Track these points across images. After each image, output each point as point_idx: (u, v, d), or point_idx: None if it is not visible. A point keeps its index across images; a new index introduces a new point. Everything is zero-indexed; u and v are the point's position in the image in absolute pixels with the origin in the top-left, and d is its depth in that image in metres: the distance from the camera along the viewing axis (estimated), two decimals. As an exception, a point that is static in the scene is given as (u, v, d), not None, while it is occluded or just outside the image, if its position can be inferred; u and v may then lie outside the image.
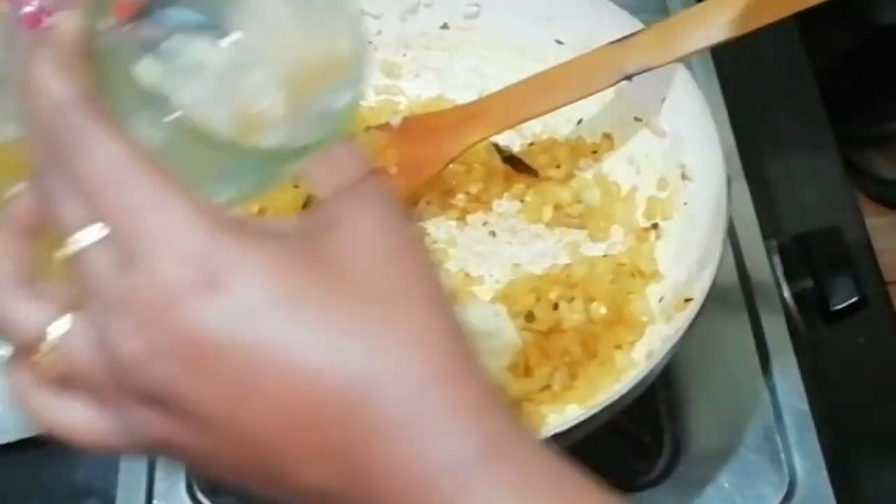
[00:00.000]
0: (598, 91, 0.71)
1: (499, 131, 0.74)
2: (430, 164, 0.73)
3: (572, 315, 0.69)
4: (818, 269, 0.75)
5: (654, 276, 0.71)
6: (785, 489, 0.68)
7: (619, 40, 0.69)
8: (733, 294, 0.75)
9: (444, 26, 0.81)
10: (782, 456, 0.70)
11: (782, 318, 0.75)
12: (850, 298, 0.73)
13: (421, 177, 0.74)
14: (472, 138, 0.73)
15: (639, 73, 0.69)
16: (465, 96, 0.81)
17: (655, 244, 0.72)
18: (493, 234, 0.76)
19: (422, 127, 0.75)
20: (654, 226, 0.73)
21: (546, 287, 0.70)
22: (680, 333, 0.60)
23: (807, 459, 0.69)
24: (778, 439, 0.70)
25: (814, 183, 0.89)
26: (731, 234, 0.77)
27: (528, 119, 0.74)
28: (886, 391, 0.80)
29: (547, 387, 0.67)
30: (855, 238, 0.84)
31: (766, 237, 0.78)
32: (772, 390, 0.72)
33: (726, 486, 0.69)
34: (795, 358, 0.73)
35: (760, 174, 0.83)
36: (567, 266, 0.72)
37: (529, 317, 0.69)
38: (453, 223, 0.76)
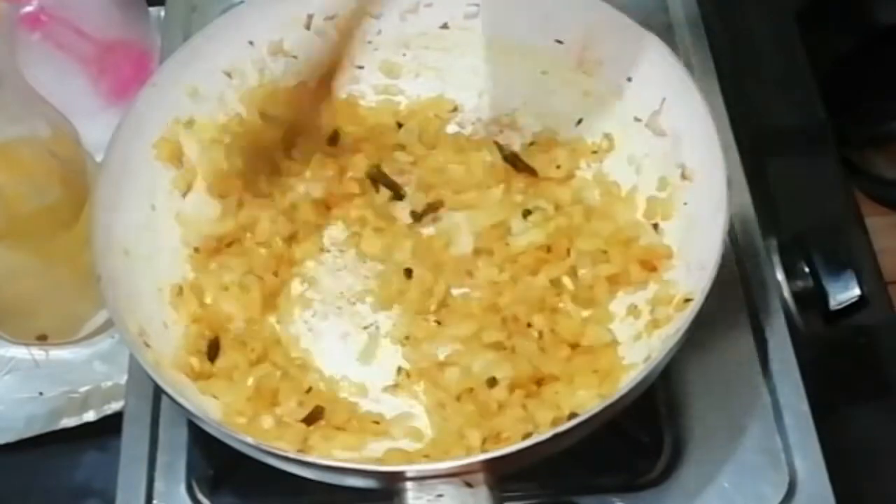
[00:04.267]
0: None
1: None
2: None
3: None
4: (818, 268, 0.75)
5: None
6: (785, 489, 0.68)
7: None
8: (733, 294, 0.75)
9: (444, 26, 0.80)
10: (782, 456, 0.70)
11: (782, 317, 0.75)
12: (850, 298, 0.73)
13: None
14: None
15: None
16: (464, 96, 0.81)
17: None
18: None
19: None
20: (655, 226, 0.73)
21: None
22: (680, 334, 0.60)
23: (807, 459, 0.69)
24: (778, 439, 0.70)
25: (814, 183, 0.89)
26: (731, 234, 0.77)
27: None
28: (886, 391, 0.80)
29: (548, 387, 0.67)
30: (855, 238, 0.84)
31: (766, 237, 0.78)
32: (772, 390, 0.72)
33: (726, 485, 0.69)
34: (795, 358, 0.73)
35: (760, 174, 0.83)
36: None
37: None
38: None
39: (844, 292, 0.74)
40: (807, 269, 0.75)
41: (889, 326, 0.81)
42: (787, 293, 0.76)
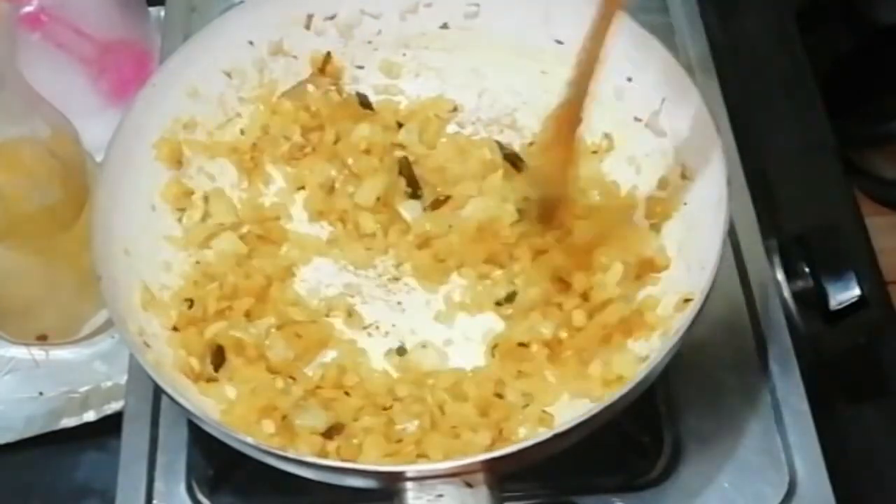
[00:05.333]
0: None
1: None
2: None
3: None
4: (818, 268, 0.75)
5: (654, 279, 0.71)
6: (785, 489, 0.68)
7: None
8: (733, 294, 0.75)
9: (444, 26, 0.80)
10: (782, 456, 0.70)
11: (782, 317, 0.75)
12: (850, 298, 0.73)
13: None
14: None
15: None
16: (464, 96, 0.81)
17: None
18: None
19: None
20: (653, 225, 0.73)
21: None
22: (680, 334, 0.60)
23: (807, 459, 0.69)
24: (778, 439, 0.70)
25: (814, 183, 0.89)
26: (732, 234, 0.77)
27: None
28: (887, 391, 0.80)
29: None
30: (855, 238, 0.84)
31: (766, 237, 0.78)
32: (772, 390, 0.72)
33: (726, 485, 0.69)
34: (795, 358, 0.73)
35: (760, 174, 0.83)
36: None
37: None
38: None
39: (844, 292, 0.74)
40: (807, 269, 0.75)
41: (889, 326, 0.81)
42: (787, 293, 0.76)
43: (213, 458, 0.71)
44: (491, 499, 0.57)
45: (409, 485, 0.58)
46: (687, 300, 0.65)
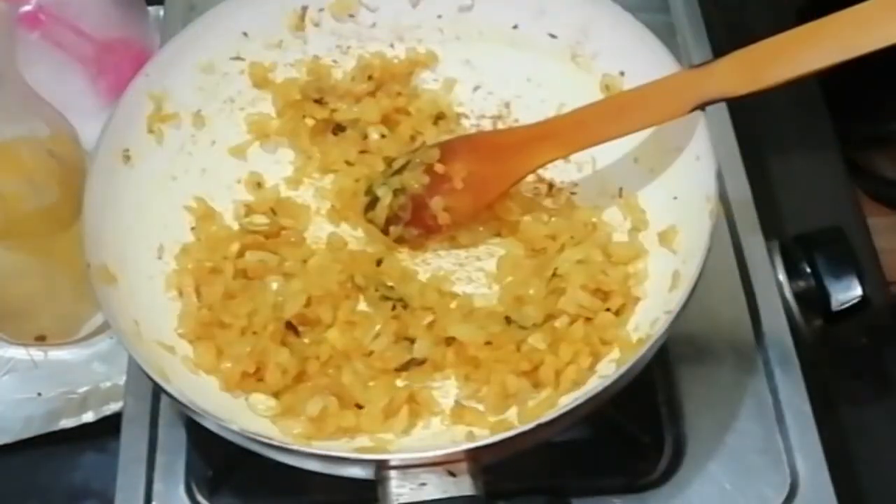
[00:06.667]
0: (672, 118, 0.67)
1: (568, 153, 0.72)
2: (497, 182, 0.72)
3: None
4: (820, 269, 0.75)
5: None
6: (787, 490, 0.68)
7: (699, 65, 0.67)
8: (735, 295, 0.75)
9: (438, 18, 0.80)
10: (784, 457, 0.69)
11: (784, 318, 0.74)
12: (852, 299, 0.73)
13: (487, 194, 0.72)
14: (541, 159, 0.71)
15: (717, 102, 0.66)
16: (458, 89, 0.81)
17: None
18: None
19: (489, 143, 0.73)
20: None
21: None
22: (666, 325, 0.60)
23: (809, 460, 0.69)
24: (779, 440, 0.70)
25: (815, 183, 0.89)
26: (733, 235, 0.77)
27: (599, 142, 0.70)
28: (889, 391, 0.80)
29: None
30: (857, 238, 0.84)
31: (767, 237, 0.78)
32: (773, 391, 0.72)
33: (728, 486, 0.69)
34: (797, 358, 0.73)
35: (762, 174, 0.83)
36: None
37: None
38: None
39: (846, 293, 0.74)
40: (808, 270, 0.75)
41: (891, 327, 0.81)
42: (788, 294, 0.76)
43: (213, 459, 0.71)
44: (474, 489, 0.57)
45: (392, 473, 0.57)
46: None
